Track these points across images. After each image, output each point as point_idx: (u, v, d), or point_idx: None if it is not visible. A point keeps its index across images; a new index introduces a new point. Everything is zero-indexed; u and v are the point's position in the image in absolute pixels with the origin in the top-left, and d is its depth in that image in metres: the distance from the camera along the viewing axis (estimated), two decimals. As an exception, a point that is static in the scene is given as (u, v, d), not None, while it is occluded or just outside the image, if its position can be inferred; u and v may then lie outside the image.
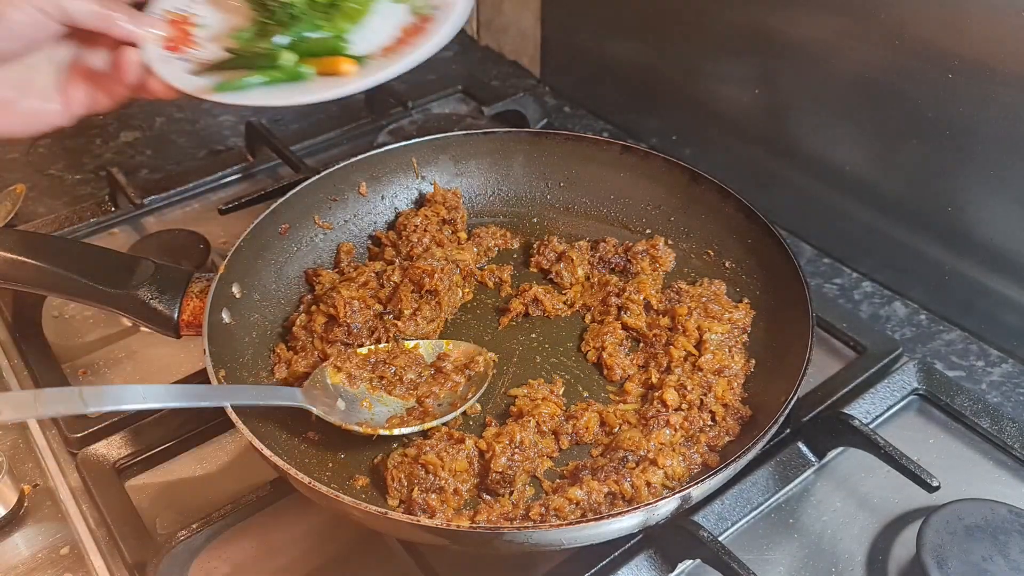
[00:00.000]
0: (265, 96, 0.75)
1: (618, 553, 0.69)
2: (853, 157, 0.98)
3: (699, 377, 0.77)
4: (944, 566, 0.65)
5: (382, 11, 0.82)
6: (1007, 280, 0.88)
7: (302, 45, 0.77)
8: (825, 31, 0.94)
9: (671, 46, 1.14)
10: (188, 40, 0.79)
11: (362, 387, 0.77)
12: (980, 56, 0.80)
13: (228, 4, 0.83)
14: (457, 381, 0.78)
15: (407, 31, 0.81)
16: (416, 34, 0.80)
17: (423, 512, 0.67)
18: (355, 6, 0.80)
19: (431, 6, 0.82)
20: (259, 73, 0.75)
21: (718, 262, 0.91)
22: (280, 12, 0.78)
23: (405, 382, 0.78)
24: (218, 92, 0.74)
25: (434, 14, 0.81)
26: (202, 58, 0.78)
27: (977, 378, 0.89)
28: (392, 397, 0.77)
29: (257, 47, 0.76)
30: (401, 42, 0.80)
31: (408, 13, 0.82)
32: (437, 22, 0.80)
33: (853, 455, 0.78)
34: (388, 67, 0.76)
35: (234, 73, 0.76)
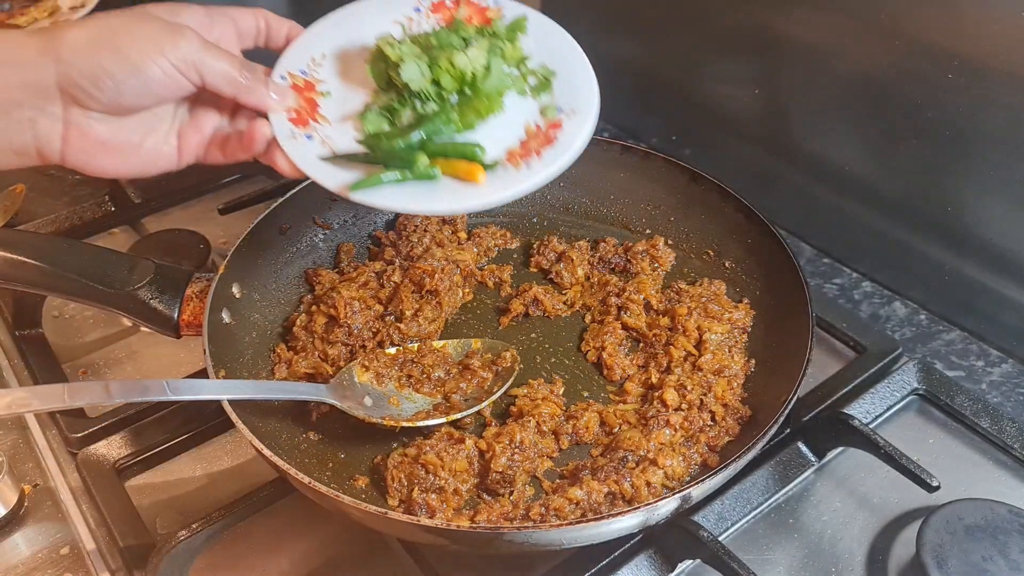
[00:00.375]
0: (402, 200, 0.71)
1: (618, 553, 0.69)
2: (853, 157, 0.98)
3: (699, 377, 0.77)
4: (944, 566, 0.65)
5: (510, 105, 0.76)
6: (1007, 280, 0.88)
7: (433, 146, 0.73)
8: (825, 32, 0.94)
9: (671, 46, 1.14)
10: (315, 113, 0.74)
11: (390, 385, 0.77)
12: (980, 56, 0.80)
13: (353, 72, 0.78)
14: (484, 377, 0.78)
15: (533, 135, 0.75)
16: (544, 142, 0.74)
17: (423, 512, 0.67)
18: (485, 100, 0.74)
19: (559, 108, 0.76)
20: (391, 170, 0.71)
21: (718, 262, 0.91)
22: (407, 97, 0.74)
23: (433, 379, 0.78)
24: (353, 192, 0.70)
25: (562, 120, 0.75)
26: (329, 137, 0.73)
27: (977, 378, 0.88)
28: (420, 394, 0.77)
29: (392, 145, 0.72)
30: (527, 148, 0.74)
31: (536, 112, 0.77)
32: (567, 132, 0.74)
33: (853, 455, 0.78)
34: (521, 183, 0.71)
35: (365, 167, 0.72)
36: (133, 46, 0.63)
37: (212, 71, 0.66)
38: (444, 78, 0.73)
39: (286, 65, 0.76)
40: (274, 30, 0.76)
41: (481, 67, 0.74)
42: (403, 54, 0.73)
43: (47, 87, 0.62)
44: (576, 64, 0.79)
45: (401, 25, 0.79)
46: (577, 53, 0.79)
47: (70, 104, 0.64)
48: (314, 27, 0.78)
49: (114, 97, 0.64)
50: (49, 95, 0.63)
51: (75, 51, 0.62)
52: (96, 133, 0.65)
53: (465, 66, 0.73)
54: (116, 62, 0.62)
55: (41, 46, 0.62)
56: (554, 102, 0.77)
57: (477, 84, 0.74)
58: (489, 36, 0.78)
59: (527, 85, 0.78)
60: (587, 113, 0.75)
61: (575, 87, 0.77)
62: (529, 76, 0.78)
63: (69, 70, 0.62)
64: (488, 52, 0.75)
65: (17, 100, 0.62)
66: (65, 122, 0.64)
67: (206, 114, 0.72)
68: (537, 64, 0.79)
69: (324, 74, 0.77)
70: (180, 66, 0.64)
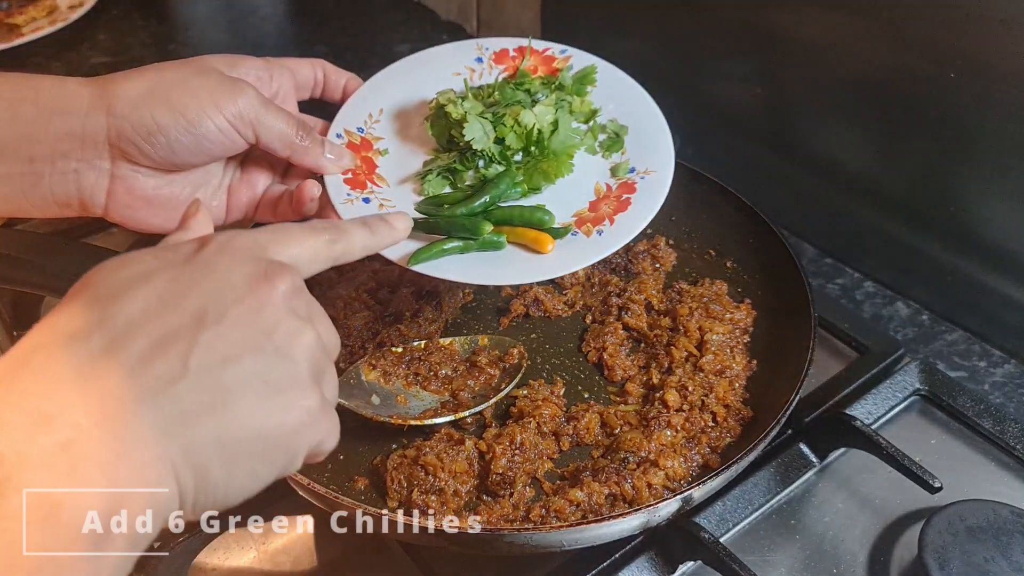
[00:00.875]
0: (466, 272, 0.66)
1: (619, 555, 0.68)
2: (855, 157, 0.97)
3: (700, 378, 0.77)
4: (946, 567, 0.65)
5: (578, 164, 0.72)
6: (1010, 280, 0.88)
7: (498, 212, 0.69)
8: (827, 30, 0.94)
9: (672, 45, 1.14)
10: (372, 174, 0.71)
11: (397, 383, 0.77)
12: (982, 55, 0.80)
13: (412, 129, 0.74)
14: (492, 374, 0.78)
15: (603, 197, 0.71)
16: (616, 207, 0.69)
17: (423, 513, 0.67)
18: (554, 162, 0.70)
19: (631, 167, 0.72)
20: (454, 239, 0.67)
21: (719, 262, 0.91)
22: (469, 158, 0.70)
23: (440, 377, 0.78)
24: (413, 263, 0.65)
25: (636, 182, 0.71)
26: (387, 200, 0.70)
27: (979, 378, 0.88)
28: (427, 392, 0.77)
29: (454, 212, 0.68)
30: (598, 212, 0.70)
31: (606, 170, 0.72)
32: (641, 196, 0.69)
33: (855, 456, 0.78)
34: (592, 254, 0.67)
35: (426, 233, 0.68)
36: (189, 102, 0.60)
37: (268, 130, 0.63)
38: (509, 137, 0.69)
39: (343, 123, 0.73)
40: (331, 81, 0.73)
41: (548, 124, 0.69)
42: (465, 112, 0.69)
43: (96, 140, 0.59)
44: (648, 117, 0.74)
45: (463, 78, 0.76)
46: (650, 105, 0.75)
47: (119, 158, 0.61)
48: (372, 80, 0.75)
49: (166, 154, 0.61)
50: (98, 148, 0.60)
51: (128, 104, 0.59)
52: (143, 189, 0.62)
53: (531, 123, 0.69)
54: (170, 117, 0.59)
55: (93, 97, 0.59)
56: (626, 160, 0.73)
57: (544, 142, 0.70)
58: (556, 89, 0.73)
59: (597, 142, 0.74)
60: (663, 175, 0.71)
61: (648, 143, 0.73)
62: (599, 132, 0.74)
63: (121, 124, 0.59)
64: (555, 107, 0.70)
65: (64, 151, 0.59)
66: (112, 176, 0.61)
67: (258, 172, 0.69)
68: (607, 118, 0.75)
69: (382, 131, 0.74)
70: (236, 124, 0.61)
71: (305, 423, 0.43)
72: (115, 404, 0.37)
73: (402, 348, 0.79)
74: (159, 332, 0.39)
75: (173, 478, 0.38)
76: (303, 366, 0.43)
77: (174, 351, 0.39)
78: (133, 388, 0.37)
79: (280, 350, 0.42)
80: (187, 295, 0.41)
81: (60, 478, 0.35)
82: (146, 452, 0.37)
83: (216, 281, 0.42)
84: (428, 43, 0.81)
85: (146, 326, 0.39)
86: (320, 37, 1.52)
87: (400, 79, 0.76)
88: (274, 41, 1.54)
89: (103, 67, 1.39)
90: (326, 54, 0.74)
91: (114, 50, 1.45)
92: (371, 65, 0.78)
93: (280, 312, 0.43)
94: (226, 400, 0.40)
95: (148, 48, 1.46)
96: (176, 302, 0.41)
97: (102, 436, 0.36)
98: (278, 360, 0.42)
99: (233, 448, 0.40)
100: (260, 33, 1.56)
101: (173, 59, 0.65)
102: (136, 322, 0.39)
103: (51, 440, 0.35)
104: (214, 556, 0.72)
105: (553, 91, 0.74)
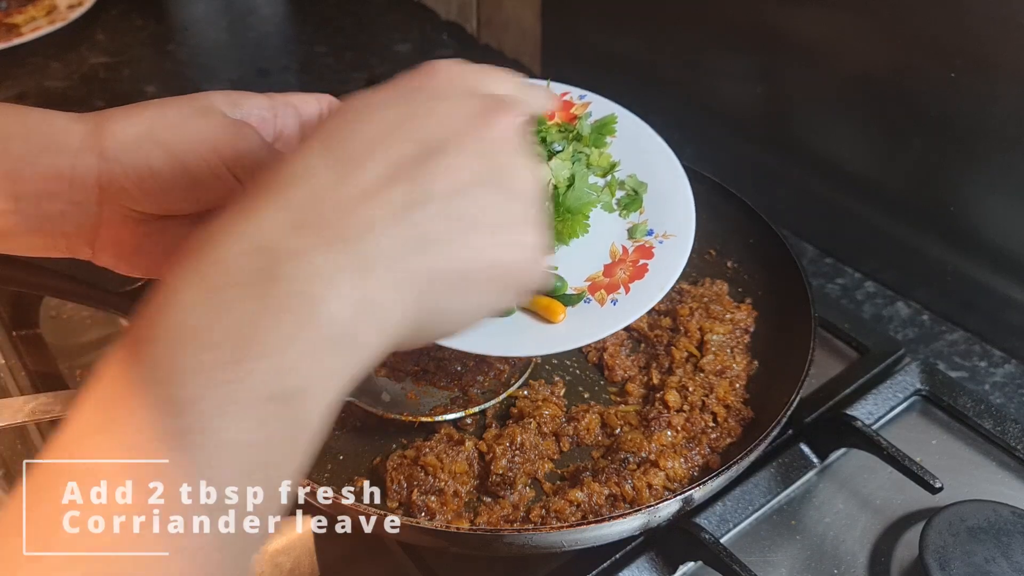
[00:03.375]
0: (472, 341, 0.62)
1: (619, 555, 0.68)
2: (855, 156, 0.97)
3: (701, 378, 0.77)
4: (947, 568, 0.65)
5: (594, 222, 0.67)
6: (1011, 280, 0.88)
7: None
8: (828, 29, 0.93)
9: (672, 44, 1.14)
10: None
11: (407, 380, 0.77)
12: (984, 54, 0.80)
13: None
14: (501, 369, 0.78)
15: (619, 261, 0.67)
16: (633, 274, 0.65)
17: (423, 514, 0.67)
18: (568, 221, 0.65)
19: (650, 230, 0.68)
20: None
21: (720, 262, 0.91)
22: None
23: (449, 373, 0.78)
24: None
25: (654, 247, 0.67)
26: None
27: (980, 379, 0.88)
28: (437, 389, 0.77)
29: None
30: (613, 277, 0.66)
31: (623, 231, 0.68)
32: (659, 263, 0.66)
33: (855, 456, 0.77)
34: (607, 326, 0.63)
35: None
36: (186, 146, 0.56)
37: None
38: None
39: None
40: None
41: (564, 180, 0.66)
42: None
43: (85, 182, 0.56)
44: (669, 175, 0.71)
45: None
46: (672, 161, 0.72)
47: (108, 202, 0.57)
48: None
49: (158, 199, 0.57)
50: (87, 191, 0.56)
51: (122, 146, 0.55)
52: (133, 235, 0.59)
53: (547, 179, 0.65)
54: (165, 162, 0.56)
55: (85, 135, 0.55)
56: (644, 220, 0.69)
57: (559, 199, 0.66)
58: (574, 139, 0.70)
59: (614, 199, 0.70)
60: (683, 241, 0.68)
61: (668, 203, 0.70)
62: (617, 188, 0.71)
63: (112, 167, 0.55)
64: (572, 160, 0.67)
65: (51, 191, 0.56)
66: (100, 220, 0.58)
67: None
68: (625, 173, 0.71)
69: None
70: (235, 171, 0.58)
71: (530, 260, 0.44)
72: (358, 225, 0.39)
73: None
74: (392, 159, 0.40)
75: (406, 302, 0.40)
76: (530, 204, 0.44)
77: (409, 177, 0.40)
78: (370, 211, 0.39)
79: (511, 186, 0.43)
80: (419, 125, 0.42)
81: (317, 280, 0.37)
82: (385, 275, 0.39)
83: (447, 110, 0.43)
84: (428, 43, 0.81)
85: (377, 154, 0.40)
86: (320, 37, 1.52)
87: None
88: (273, 41, 1.54)
89: (102, 67, 1.39)
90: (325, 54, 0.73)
91: (113, 50, 1.44)
92: (371, 65, 0.77)
93: (512, 146, 0.44)
94: (462, 229, 0.41)
95: (147, 48, 1.46)
96: (409, 131, 0.42)
97: (345, 248, 0.38)
98: (510, 196, 0.43)
99: (464, 279, 0.42)
100: (260, 33, 1.56)
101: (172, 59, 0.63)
102: (366, 151, 0.41)
103: (304, 243, 0.37)
104: (213, 557, 0.72)
105: (571, 141, 0.70)
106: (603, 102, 0.75)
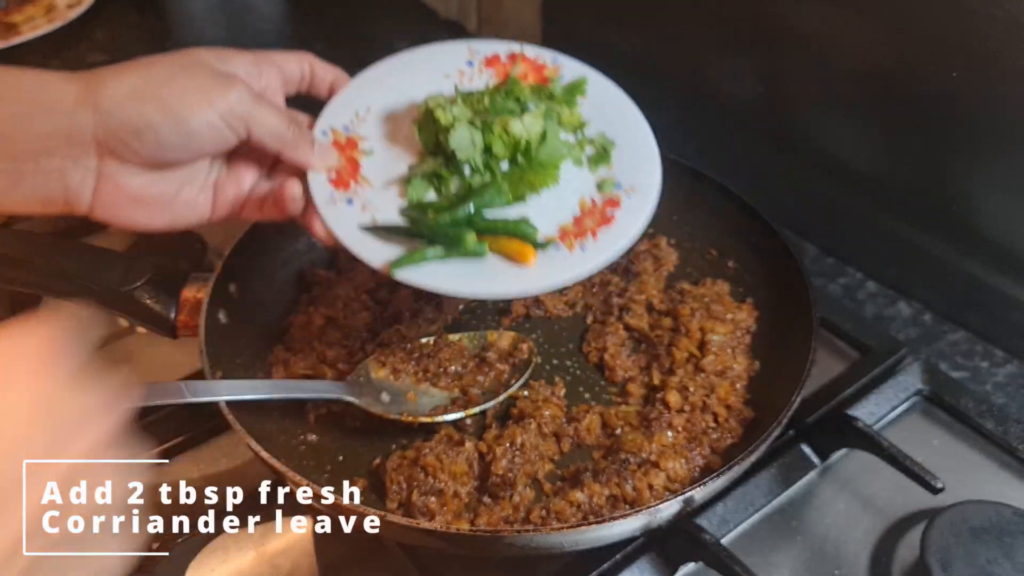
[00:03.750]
0: (447, 280, 0.65)
1: (620, 556, 0.68)
2: (858, 155, 0.97)
3: (702, 378, 0.77)
4: (949, 568, 0.65)
5: (564, 177, 0.71)
6: (1013, 279, 0.87)
7: (482, 222, 0.68)
8: (830, 26, 0.93)
9: (673, 41, 1.13)
10: (356, 174, 0.70)
11: (407, 380, 0.77)
12: (987, 52, 0.79)
13: (398, 130, 0.73)
14: (501, 369, 0.78)
15: (588, 212, 0.70)
16: (600, 221, 0.69)
17: (422, 515, 0.67)
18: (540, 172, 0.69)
19: (617, 184, 0.71)
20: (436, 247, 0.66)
21: (721, 262, 0.91)
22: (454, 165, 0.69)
23: (450, 374, 0.78)
24: (395, 269, 0.64)
25: (621, 197, 0.71)
26: (370, 201, 0.69)
27: (982, 379, 0.88)
28: (437, 389, 0.77)
29: (438, 220, 0.67)
30: (582, 226, 0.69)
31: (592, 185, 0.72)
32: (625, 212, 0.70)
33: (857, 456, 0.77)
34: (574, 269, 0.67)
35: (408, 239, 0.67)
36: (179, 98, 0.59)
37: (260, 125, 0.63)
38: (496, 144, 0.68)
39: (329, 120, 0.72)
40: (319, 78, 0.72)
41: (537, 135, 0.69)
42: (455, 118, 0.68)
43: (83, 138, 0.58)
44: (637, 134, 0.74)
45: (453, 81, 0.75)
46: (639, 122, 0.75)
47: (106, 157, 0.60)
48: (359, 78, 0.74)
49: (155, 151, 0.60)
50: (84, 146, 0.59)
51: (116, 101, 0.58)
52: (129, 187, 0.61)
53: (520, 133, 0.68)
54: (160, 114, 0.58)
55: (80, 93, 0.58)
56: (612, 175, 0.72)
57: (531, 153, 0.70)
58: (546, 99, 0.73)
59: (584, 155, 0.73)
60: (648, 192, 0.71)
61: (635, 159, 0.73)
62: (587, 145, 0.74)
63: (108, 121, 0.58)
64: (544, 117, 0.70)
65: (48, 148, 0.58)
66: (98, 174, 0.60)
67: (245, 168, 0.68)
68: (595, 132, 0.74)
69: (368, 130, 0.73)
70: (228, 119, 0.61)
71: None
72: None
73: (410, 345, 0.79)
74: None
75: None
76: None
77: None
78: None
79: None
80: None
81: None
82: None
83: None
84: (427, 42, 0.80)
85: None
86: (318, 34, 1.51)
87: (387, 78, 0.75)
88: (272, 39, 1.54)
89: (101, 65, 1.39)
90: (324, 51, 0.73)
91: (112, 48, 1.44)
92: (369, 62, 0.77)
93: None
94: None
95: (145, 45, 1.45)
96: None
97: None
98: None
99: None
100: (257, 30, 1.55)
101: (170, 56, 0.64)
102: None
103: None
104: (212, 558, 0.72)
105: (543, 100, 0.73)
106: (575, 65, 0.77)
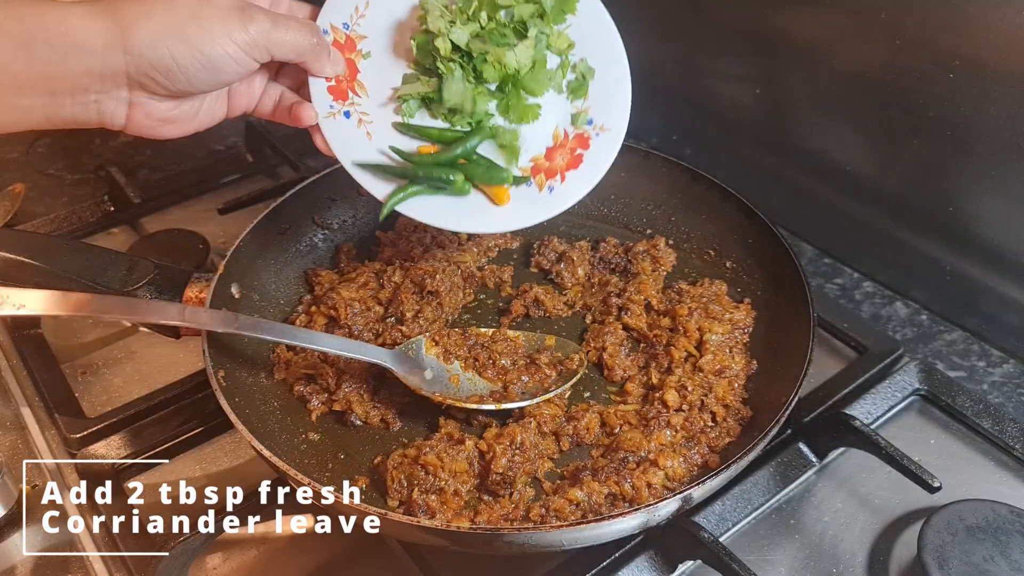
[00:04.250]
0: (433, 214, 0.74)
1: (619, 554, 0.68)
2: (854, 157, 0.97)
3: (700, 378, 0.77)
4: (945, 567, 0.65)
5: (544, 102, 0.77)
6: (1008, 280, 0.88)
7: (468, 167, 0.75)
8: (826, 31, 0.94)
9: (672, 45, 1.14)
10: (353, 82, 0.75)
11: (456, 364, 0.78)
12: (981, 55, 0.80)
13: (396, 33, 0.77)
14: (548, 374, 0.78)
15: (560, 145, 0.77)
16: (570, 162, 0.76)
17: (423, 513, 0.67)
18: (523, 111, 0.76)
19: (590, 119, 0.77)
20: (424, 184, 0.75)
21: (719, 262, 0.91)
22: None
23: (498, 367, 0.79)
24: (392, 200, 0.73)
25: (591, 137, 0.76)
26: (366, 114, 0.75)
27: (978, 378, 0.88)
28: (482, 379, 0.78)
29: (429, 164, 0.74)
30: (552, 162, 0.76)
31: (567, 116, 0.77)
32: (592, 155, 0.76)
33: (854, 456, 0.78)
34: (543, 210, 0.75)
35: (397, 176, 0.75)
36: (204, 35, 0.64)
37: (282, 47, 0.68)
38: (488, 71, 0.74)
39: (329, 16, 0.75)
40: None
41: (526, 65, 0.75)
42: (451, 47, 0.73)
43: (115, 75, 0.63)
44: (616, 66, 0.77)
45: None
46: (619, 53, 0.78)
47: (136, 90, 0.65)
48: None
49: (183, 87, 0.66)
50: (116, 80, 0.64)
51: (145, 43, 0.63)
52: (159, 111, 0.67)
53: (512, 64, 0.74)
54: (188, 54, 0.64)
55: (108, 34, 0.62)
56: (587, 108, 0.77)
57: (519, 79, 0.76)
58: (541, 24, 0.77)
59: (564, 81, 0.78)
60: (615, 135, 0.76)
61: (610, 93, 0.77)
62: (568, 70, 0.78)
63: (139, 62, 0.63)
64: (534, 47, 0.75)
65: (83, 85, 0.63)
66: (130, 103, 0.66)
67: (257, 73, 0.73)
68: (579, 57, 0.78)
69: (366, 28, 0.76)
70: (250, 50, 0.66)
71: None
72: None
73: (468, 330, 0.81)
74: None
75: None
76: None
77: None
78: None
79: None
80: None
81: None
82: None
83: None
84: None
85: None
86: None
87: None
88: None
89: None
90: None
91: None
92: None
93: None
94: None
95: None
96: None
97: None
98: None
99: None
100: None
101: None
102: None
103: None
104: (214, 556, 0.72)
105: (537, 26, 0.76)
106: None
